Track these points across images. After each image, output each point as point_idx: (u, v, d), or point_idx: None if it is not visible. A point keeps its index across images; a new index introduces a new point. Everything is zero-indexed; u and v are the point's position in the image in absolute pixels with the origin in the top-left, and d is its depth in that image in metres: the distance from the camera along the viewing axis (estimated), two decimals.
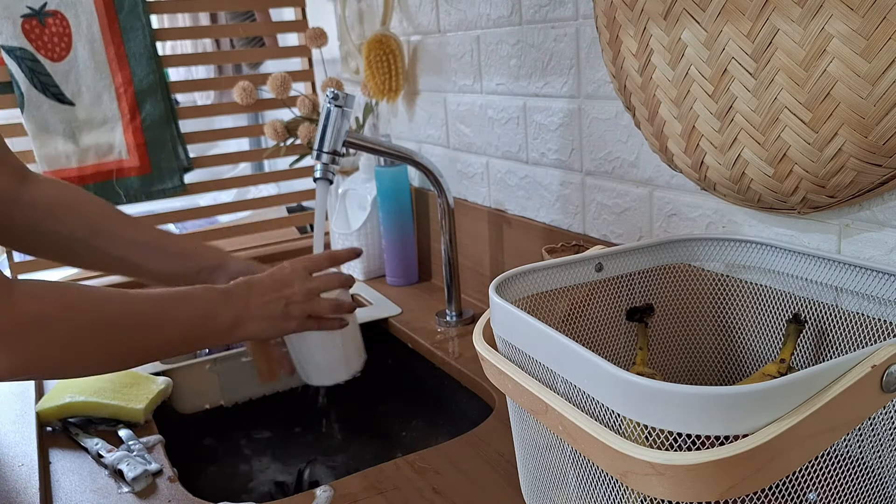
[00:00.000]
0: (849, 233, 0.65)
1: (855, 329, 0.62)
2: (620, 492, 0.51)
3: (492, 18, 1.06)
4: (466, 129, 1.19)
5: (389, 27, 1.32)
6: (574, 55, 0.92)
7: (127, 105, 1.38)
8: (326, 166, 0.97)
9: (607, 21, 0.78)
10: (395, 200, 1.30)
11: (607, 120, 0.89)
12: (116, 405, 0.89)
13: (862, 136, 0.57)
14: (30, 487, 0.77)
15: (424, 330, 1.14)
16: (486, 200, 1.18)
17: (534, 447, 0.61)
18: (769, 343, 0.71)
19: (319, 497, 0.73)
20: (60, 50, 1.33)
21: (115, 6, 1.35)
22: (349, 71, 1.51)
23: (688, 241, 0.75)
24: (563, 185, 0.99)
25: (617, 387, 0.45)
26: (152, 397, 0.92)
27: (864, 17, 0.55)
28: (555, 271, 0.68)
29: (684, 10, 0.68)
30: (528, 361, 0.56)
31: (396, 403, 1.19)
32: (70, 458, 0.84)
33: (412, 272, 1.35)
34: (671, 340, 0.77)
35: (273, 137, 1.46)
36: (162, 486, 0.77)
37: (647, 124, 0.76)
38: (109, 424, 0.89)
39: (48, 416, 0.90)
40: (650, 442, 0.45)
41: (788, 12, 0.60)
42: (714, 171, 0.70)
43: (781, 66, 0.61)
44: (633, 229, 0.90)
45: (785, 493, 0.47)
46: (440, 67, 1.22)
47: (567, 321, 0.70)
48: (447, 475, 0.76)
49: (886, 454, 0.53)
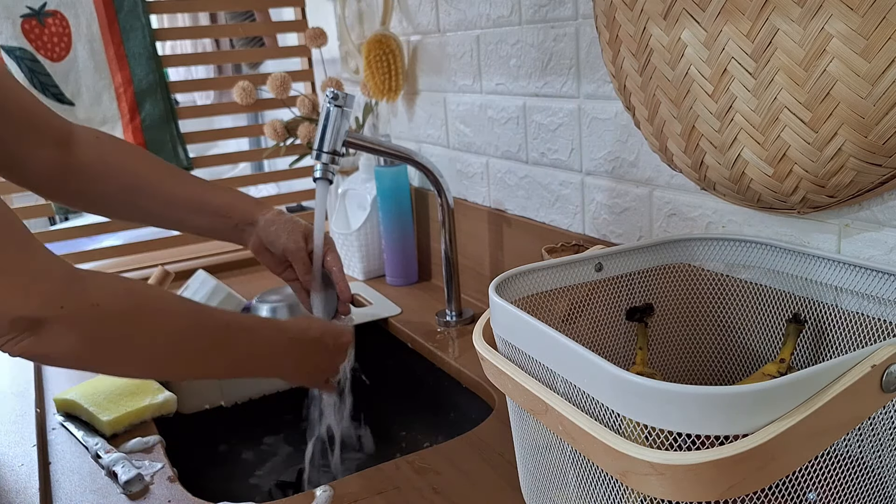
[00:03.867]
0: (849, 232, 0.65)
1: (855, 329, 0.62)
2: (620, 492, 0.51)
3: (491, 18, 1.06)
4: (466, 128, 1.19)
5: (389, 27, 1.32)
6: (574, 55, 0.92)
7: (127, 105, 1.38)
8: (326, 166, 0.97)
9: (607, 21, 0.78)
10: (395, 200, 1.30)
11: (607, 120, 0.89)
12: (90, 411, 0.89)
13: (862, 136, 0.57)
14: (30, 487, 0.77)
15: (424, 330, 1.14)
16: (486, 200, 1.18)
17: (534, 447, 0.61)
18: (769, 343, 0.71)
19: (319, 497, 0.73)
20: (60, 50, 1.33)
21: (114, 6, 1.35)
22: (349, 71, 1.51)
23: (688, 241, 0.74)
24: (562, 184, 0.99)
25: (617, 387, 0.45)
26: (130, 411, 0.89)
27: (864, 17, 0.55)
28: (555, 271, 0.68)
29: (684, 10, 0.68)
30: (528, 361, 0.56)
31: (396, 403, 1.19)
32: (70, 458, 0.84)
33: (412, 272, 1.35)
34: (671, 340, 0.77)
35: (273, 137, 1.46)
36: (162, 486, 0.77)
37: (647, 124, 0.76)
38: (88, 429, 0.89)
39: (57, 406, 0.94)
40: (650, 442, 0.45)
41: (788, 12, 0.60)
42: (714, 170, 0.70)
43: (781, 65, 0.61)
44: (633, 229, 0.90)
45: (785, 493, 0.47)
46: (440, 67, 1.22)
47: (567, 321, 0.70)
48: (447, 475, 0.76)
49: (886, 454, 0.53)
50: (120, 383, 0.94)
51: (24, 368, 1.07)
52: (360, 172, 1.42)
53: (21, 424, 0.90)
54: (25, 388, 1.00)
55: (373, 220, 1.36)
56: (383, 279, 1.38)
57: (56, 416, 0.92)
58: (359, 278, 1.40)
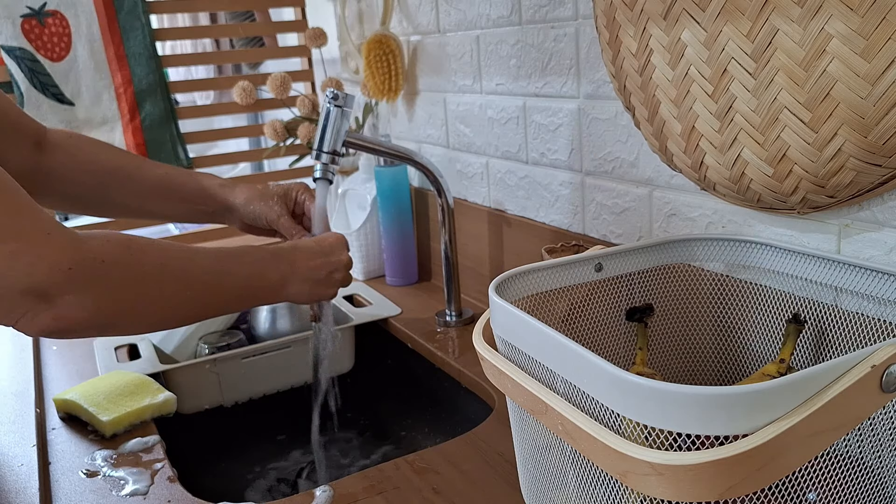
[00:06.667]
0: (848, 233, 0.65)
1: (855, 329, 0.62)
2: (620, 492, 0.51)
3: (492, 18, 1.06)
4: (466, 129, 1.19)
5: (389, 27, 1.32)
6: (574, 55, 0.92)
7: (126, 105, 1.38)
8: (326, 166, 0.97)
9: (607, 21, 0.78)
10: (395, 200, 1.30)
11: (607, 120, 0.89)
12: (90, 412, 0.89)
13: (861, 136, 0.57)
14: (29, 487, 0.77)
15: (424, 330, 1.14)
16: (486, 200, 1.18)
17: (534, 447, 0.61)
18: (769, 343, 0.71)
19: (319, 497, 0.73)
20: (60, 50, 1.33)
21: (114, 6, 1.35)
22: (349, 71, 1.51)
23: (687, 241, 0.75)
24: (562, 185, 0.99)
25: (617, 387, 0.45)
26: (130, 411, 0.89)
27: (864, 17, 0.55)
28: (554, 271, 0.68)
29: (684, 10, 0.68)
30: (527, 361, 0.56)
31: (396, 403, 1.19)
32: (70, 458, 0.84)
33: (412, 272, 1.35)
34: (671, 340, 0.77)
35: (273, 137, 1.46)
36: (162, 486, 0.77)
37: (647, 124, 0.76)
38: (88, 429, 0.89)
39: (57, 406, 0.94)
40: (650, 442, 0.45)
41: (788, 12, 0.60)
42: (714, 171, 0.70)
43: (781, 66, 0.61)
44: (633, 229, 0.90)
45: (785, 493, 0.47)
46: (440, 67, 1.22)
47: (567, 321, 0.70)
48: (447, 475, 0.76)
49: (886, 454, 0.53)
50: (120, 383, 0.94)
51: (24, 368, 1.07)
52: (360, 172, 1.42)
53: (21, 424, 0.90)
54: (25, 388, 1.00)
55: (373, 221, 1.36)
56: (383, 279, 1.38)
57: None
58: (359, 278, 1.40)
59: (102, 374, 0.99)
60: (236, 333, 1.14)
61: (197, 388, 1.06)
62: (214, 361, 1.06)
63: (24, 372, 1.06)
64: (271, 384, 1.12)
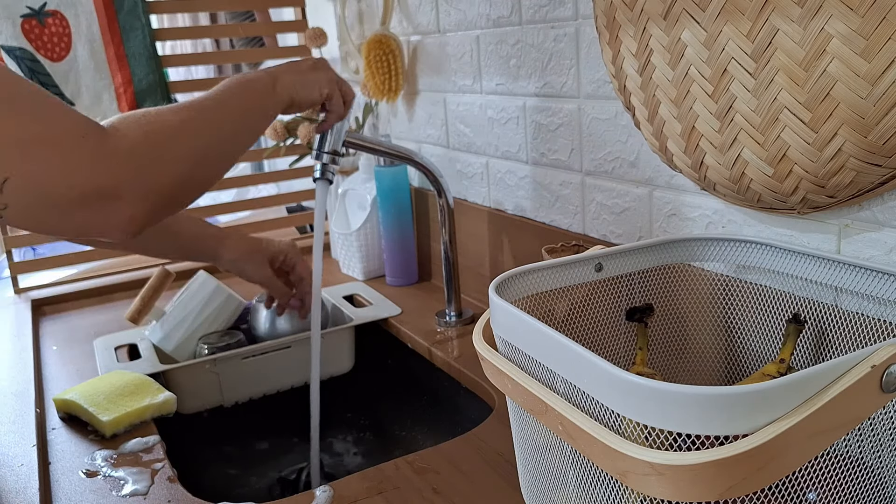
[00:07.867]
0: (848, 233, 0.65)
1: (855, 329, 0.62)
2: (620, 492, 0.51)
3: (492, 18, 1.06)
4: (466, 129, 1.19)
5: (389, 27, 1.32)
6: (574, 55, 0.92)
7: (127, 105, 1.38)
8: (326, 166, 0.97)
9: (607, 21, 0.78)
10: (395, 200, 1.30)
11: (607, 120, 0.89)
12: (90, 412, 0.89)
13: (862, 136, 0.57)
14: (29, 487, 0.77)
15: (424, 330, 1.14)
16: (486, 200, 1.18)
17: (534, 447, 0.61)
18: (769, 343, 0.71)
19: (319, 497, 0.73)
20: (60, 50, 1.33)
21: (114, 6, 1.35)
22: (349, 71, 1.51)
23: (687, 241, 0.74)
24: (562, 185, 0.99)
25: (617, 387, 0.45)
26: (130, 411, 0.89)
27: (864, 17, 0.55)
28: (554, 271, 0.68)
29: (684, 11, 0.68)
30: (527, 361, 0.56)
31: (396, 403, 1.19)
32: (70, 458, 0.84)
33: (412, 272, 1.35)
34: (671, 340, 0.77)
35: (273, 137, 1.46)
36: (162, 486, 0.77)
37: (647, 124, 0.76)
38: (88, 429, 0.89)
39: (57, 407, 0.94)
40: (650, 442, 0.45)
41: (788, 12, 0.60)
42: (714, 171, 0.70)
43: (781, 66, 0.61)
44: (633, 229, 0.90)
45: (785, 493, 0.47)
46: (440, 67, 1.22)
47: (567, 321, 0.70)
48: (447, 475, 0.76)
49: (886, 454, 0.53)
50: (120, 383, 0.94)
51: (24, 368, 1.07)
52: (360, 172, 1.42)
53: (21, 424, 0.90)
54: (25, 388, 1.00)
55: (373, 221, 1.36)
56: (383, 279, 1.38)
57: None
58: (359, 278, 1.40)
59: (102, 374, 0.99)
60: (236, 333, 1.14)
61: (197, 388, 1.06)
62: (214, 361, 1.06)
63: (24, 372, 1.06)
64: (271, 384, 1.12)
